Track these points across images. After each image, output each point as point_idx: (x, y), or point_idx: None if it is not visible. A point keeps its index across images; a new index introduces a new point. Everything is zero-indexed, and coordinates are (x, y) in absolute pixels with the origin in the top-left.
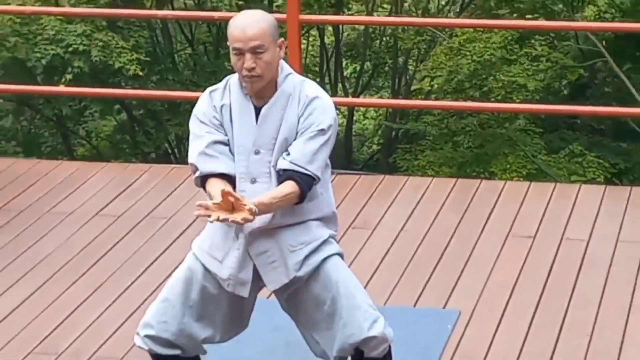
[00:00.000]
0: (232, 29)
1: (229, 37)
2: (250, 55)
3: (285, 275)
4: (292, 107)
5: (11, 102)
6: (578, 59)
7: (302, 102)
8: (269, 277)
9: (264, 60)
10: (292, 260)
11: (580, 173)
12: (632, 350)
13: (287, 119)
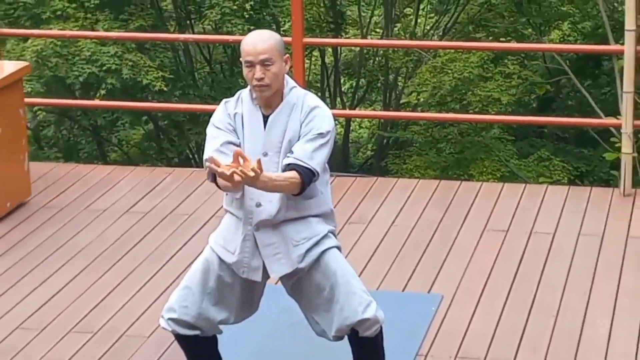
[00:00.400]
0: (244, 45)
1: (242, 52)
2: (260, 67)
3: (287, 266)
4: (295, 115)
5: (53, 114)
6: (545, 76)
7: (304, 111)
8: (273, 267)
9: (272, 72)
10: (295, 253)
11: (547, 175)
12: (591, 329)
13: (291, 125)
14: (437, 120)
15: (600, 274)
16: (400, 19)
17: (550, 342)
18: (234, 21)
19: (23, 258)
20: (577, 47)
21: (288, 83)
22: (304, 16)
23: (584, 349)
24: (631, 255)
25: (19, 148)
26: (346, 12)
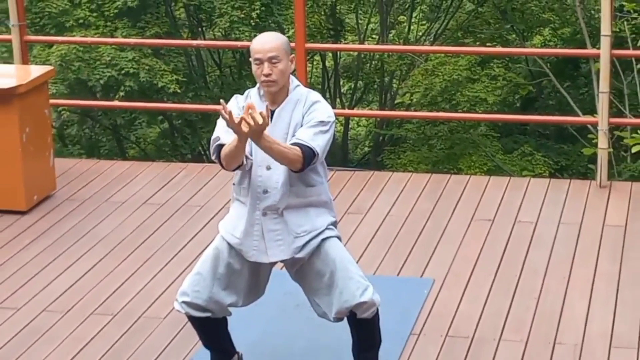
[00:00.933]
0: (254, 44)
1: (252, 51)
2: (268, 64)
3: (285, 253)
4: (299, 109)
5: (76, 114)
6: (528, 78)
7: (306, 105)
8: (272, 251)
9: (279, 69)
10: (294, 244)
11: (530, 169)
12: (570, 310)
13: (295, 118)
14: (428, 119)
15: (579, 260)
16: (395, 26)
17: (532, 322)
18: (241, 28)
19: (49, 246)
20: (557, 51)
21: (293, 81)
22: (306, 23)
23: (564, 328)
24: (607, 242)
25: (45, 145)
26: (345, 20)
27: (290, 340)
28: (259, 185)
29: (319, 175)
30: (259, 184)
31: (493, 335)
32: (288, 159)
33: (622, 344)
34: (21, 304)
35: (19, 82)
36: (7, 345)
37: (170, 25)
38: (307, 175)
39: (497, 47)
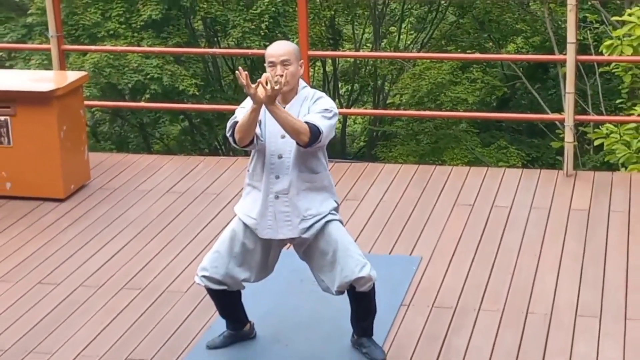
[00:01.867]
0: (269, 50)
1: (267, 55)
2: (280, 66)
3: (293, 232)
4: (306, 105)
5: (107, 114)
6: (503, 81)
7: (312, 100)
8: (282, 230)
9: (290, 71)
10: (301, 225)
11: (505, 160)
12: (541, 284)
13: (302, 112)
14: (416, 117)
15: (548, 240)
16: (386, 36)
17: (507, 294)
18: (252, 38)
19: (84, 230)
20: (528, 57)
21: (301, 83)
22: (309, 33)
23: (535, 300)
24: (573, 224)
25: (80, 141)
26: (342, 30)
27: (296, 311)
28: (272, 171)
29: (322, 164)
30: (271, 170)
31: (473, 305)
32: (296, 129)
33: (586, 313)
34: (60, 280)
35: (57, 86)
36: (49, 316)
37: (190, 36)
38: (313, 163)
39: (476, 54)
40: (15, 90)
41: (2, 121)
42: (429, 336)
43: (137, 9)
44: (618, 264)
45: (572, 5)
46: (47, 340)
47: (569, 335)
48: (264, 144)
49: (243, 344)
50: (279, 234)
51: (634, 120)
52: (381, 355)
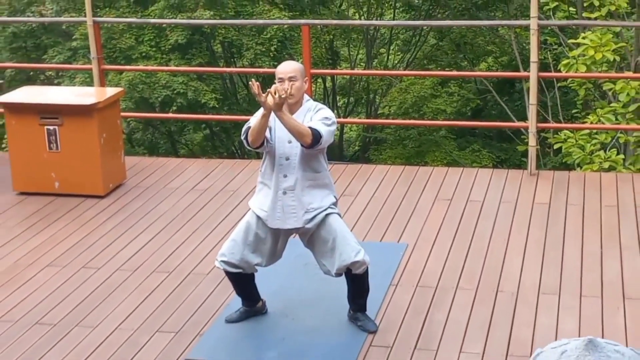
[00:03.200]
0: (279, 68)
1: (276, 73)
2: (287, 81)
3: (297, 223)
4: (309, 114)
5: (141, 123)
6: (476, 94)
7: (314, 110)
8: (289, 221)
9: (296, 86)
10: (305, 217)
11: (478, 162)
12: (509, 266)
13: (305, 120)
14: (402, 125)
15: (515, 229)
16: (377, 56)
17: (481, 275)
18: (263, 59)
19: (120, 222)
20: (497, 74)
21: (305, 97)
22: (311, 55)
23: (504, 280)
24: (536, 215)
25: (118, 147)
26: (340, 52)
27: (301, 290)
28: (280, 171)
29: (323, 165)
30: (280, 170)
31: (452, 284)
32: (301, 132)
33: (547, 291)
34: (101, 265)
35: (98, 100)
36: (91, 295)
37: (210, 57)
38: (315, 164)
39: (453, 71)
40: (62, 104)
41: (52, 130)
42: (414, 311)
43: (166, 35)
44: (574, 249)
45: (534, 30)
46: (90, 315)
47: (533, 310)
48: (273, 146)
49: (256, 318)
50: (287, 224)
51: (587, 127)
52: (374, 327)
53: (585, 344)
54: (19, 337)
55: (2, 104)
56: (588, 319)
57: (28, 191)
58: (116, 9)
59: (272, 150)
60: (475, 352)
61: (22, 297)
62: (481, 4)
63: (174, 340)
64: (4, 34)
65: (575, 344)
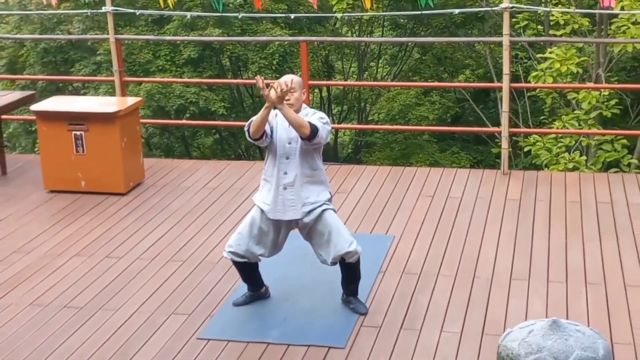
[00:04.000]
0: (280, 80)
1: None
2: (288, 93)
3: (296, 215)
4: (306, 119)
5: (158, 129)
6: (455, 103)
7: (311, 115)
8: (288, 213)
9: (295, 96)
10: (303, 209)
11: (457, 162)
12: (484, 255)
13: None
14: (390, 130)
15: (490, 221)
16: (368, 69)
17: (459, 263)
18: (266, 72)
19: (140, 216)
20: (474, 85)
21: (303, 106)
22: (309, 67)
23: (480, 267)
24: (508, 210)
25: (137, 150)
26: (334, 65)
27: (300, 277)
28: (281, 168)
29: (319, 164)
30: (280, 168)
31: (433, 271)
32: (300, 123)
33: (518, 277)
34: (122, 255)
35: (119, 108)
36: (113, 282)
37: (219, 70)
38: (312, 163)
39: (435, 82)
40: (88, 112)
41: (79, 135)
42: (400, 295)
43: (180, 50)
44: (542, 240)
45: (506, 45)
46: (112, 300)
47: (505, 294)
48: (272, 143)
49: (260, 302)
50: (286, 216)
51: (553, 132)
52: (364, 309)
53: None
54: (49, 320)
55: (35, 112)
56: (554, 302)
57: (57, 189)
58: (135, 27)
59: (273, 148)
60: (455, 331)
61: (51, 284)
62: (460, 23)
63: (187, 321)
64: (36, 49)
65: (541, 325)
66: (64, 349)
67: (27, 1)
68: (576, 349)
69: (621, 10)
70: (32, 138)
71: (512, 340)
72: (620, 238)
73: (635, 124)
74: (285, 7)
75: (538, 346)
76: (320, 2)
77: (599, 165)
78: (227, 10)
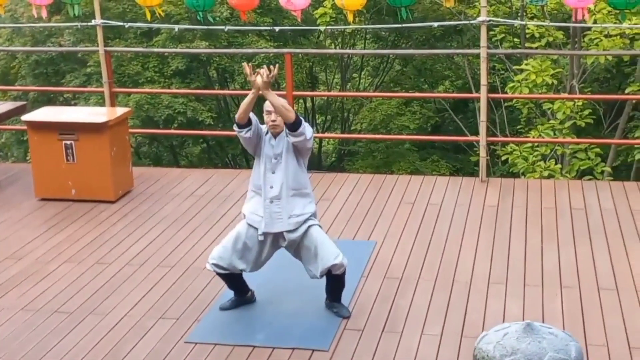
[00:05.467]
0: (266, 104)
1: (265, 107)
2: (274, 114)
3: (282, 227)
4: (285, 134)
5: (146, 138)
6: (435, 112)
7: None
8: (275, 225)
9: (280, 118)
10: (289, 221)
11: (437, 170)
12: (463, 259)
13: (285, 140)
14: (372, 139)
15: (468, 227)
16: (350, 80)
17: (439, 267)
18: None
19: (129, 223)
20: (453, 95)
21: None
22: (294, 79)
23: (459, 271)
24: (486, 216)
25: (126, 158)
26: (318, 76)
27: (285, 281)
28: (267, 182)
29: (305, 178)
30: (267, 182)
31: (414, 276)
32: (285, 107)
33: (496, 281)
34: (111, 260)
35: (109, 118)
36: (103, 287)
37: (206, 81)
38: (298, 177)
39: (415, 93)
40: (78, 122)
41: (69, 144)
42: (382, 299)
43: (168, 62)
44: (519, 245)
45: (484, 57)
46: (102, 304)
47: (483, 297)
48: (253, 133)
49: (246, 306)
50: (274, 228)
51: (530, 140)
52: (347, 313)
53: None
54: (40, 324)
55: (26, 122)
56: (531, 305)
57: (48, 197)
58: (125, 39)
59: (259, 163)
60: (435, 333)
61: (43, 289)
62: (439, 36)
63: (175, 325)
64: (28, 61)
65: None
66: (55, 353)
67: (18, 14)
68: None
69: (594, 23)
70: (24, 148)
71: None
72: (593, 242)
73: (608, 133)
74: (271, 20)
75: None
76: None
77: (574, 173)
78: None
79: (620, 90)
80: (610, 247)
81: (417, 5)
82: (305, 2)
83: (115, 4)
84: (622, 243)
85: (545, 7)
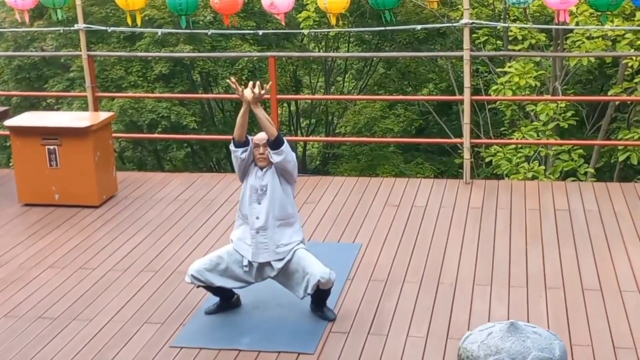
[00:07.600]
0: (256, 137)
1: (253, 140)
2: (262, 147)
3: (269, 257)
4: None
5: (130, 143)
6: (419, 115)
7: None
8: (261, 255)
9: (268, 150)
10: (276, 250)
11: (422, 172)
12: (448, 260)
13: (271, 170)
14: (356, 142)
15: (453, 229)
16: (334, 83)
17: (424, 269)
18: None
19: (113, 228)
20: (437, 98)
21: None
22: (277, 82)
23: (444, 272)
24: (470, 218)
25: (110, 163)
26: (302, 80)
27: (270, 285)
28: (253, 213)
29: (291, 207)
30: (252, 213)
31: (400, 278)
32: (270, 125)
33: (480, 282)
34: (96, 265)
35: (92, 122)
36: (87, 292)
37: (190, 85)
38: (285, 206)
39: (399, 96)
40: (61, 126)
41: (52, 149)
42: (368, 301)
43: (151, 66)
44: (503, 246)
45: (467, 60)
46: (86, 310)
47: (468, 299)
48: (247, 156)
49: (232, 310)
50: (259, 258)
51: (513, 142)
52: (332, 315)
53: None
54: (24, 330)
55: (9, 127)
56: (516, 305)
57: (32, 202)
58: (108, 44)
59: (245, 193)
60: (420, 335)
61: (26, 295)
62: (422, 38)
63: (160, 330)
64: (10, 66)
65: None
66: (39, 359)
67: (0, 19)
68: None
69: (576, 25)
70: (6, 153)
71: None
72: (577, 244)
73: (591, 135)
74: (254, 23)
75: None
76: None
77: (557, 174)
78: (197, 27)
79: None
80: (594, 249)
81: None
82: (289, 6)
83: (98, 8)
84: (606, 244)
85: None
